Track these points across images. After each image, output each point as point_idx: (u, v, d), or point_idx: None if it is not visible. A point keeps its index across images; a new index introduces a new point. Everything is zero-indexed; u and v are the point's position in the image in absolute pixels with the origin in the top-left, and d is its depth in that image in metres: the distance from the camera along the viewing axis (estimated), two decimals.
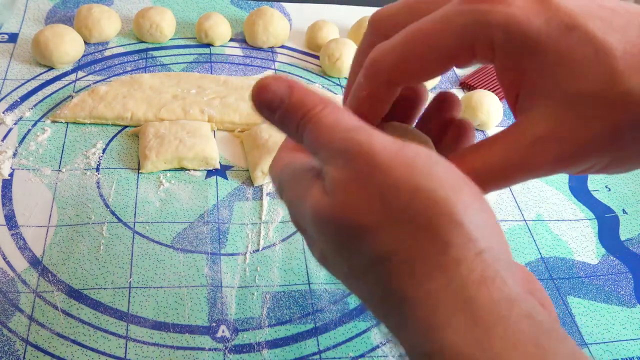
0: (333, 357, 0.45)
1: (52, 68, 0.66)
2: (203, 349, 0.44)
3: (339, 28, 0.77)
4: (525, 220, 0.58)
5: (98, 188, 0.54)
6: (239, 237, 0.52)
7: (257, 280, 0.49)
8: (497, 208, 0.58)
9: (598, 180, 0.64)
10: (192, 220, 0.53)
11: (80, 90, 0.64)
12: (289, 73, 0.71)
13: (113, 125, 0.61)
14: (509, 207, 0.59)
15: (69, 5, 0.76)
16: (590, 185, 0.63)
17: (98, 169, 0.56)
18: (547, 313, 0.22)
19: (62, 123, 0.60)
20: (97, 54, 0.70)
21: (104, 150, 0.58)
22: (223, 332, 0.45)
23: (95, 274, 0.48)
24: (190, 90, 0.64)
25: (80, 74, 0.66)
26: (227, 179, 0.57)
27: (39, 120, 0.60)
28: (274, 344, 0.45)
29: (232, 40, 0.75)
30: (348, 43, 0.70)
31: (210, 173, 0.58)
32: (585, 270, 0.54)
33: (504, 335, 0.20)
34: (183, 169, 0.57)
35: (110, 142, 0.59)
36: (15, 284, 0.46)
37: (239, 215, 0.54)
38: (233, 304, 0.47)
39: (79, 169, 0.56)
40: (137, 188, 0.55)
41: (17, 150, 0.57)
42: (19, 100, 0.62)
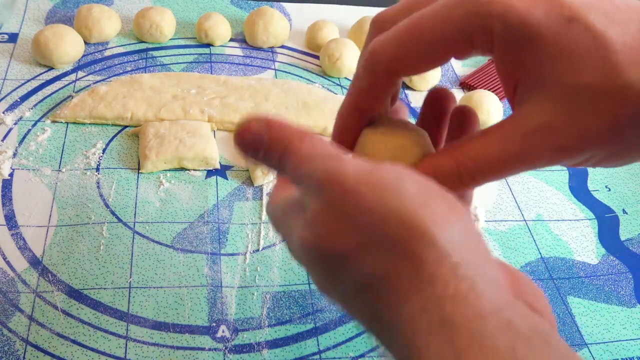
0: (333, 357, 0.45)
1: (52, 68, 0.66)
2: (203, 349, 0.44)
3: (339, 28, 0.77)
4: (525, 220, 0.58)
5: (98, 188, 0.54)
6: (239, 237, 0.52)
7: (257, 280, 0.49)
8: (497, 208, 0.58)
9: (598, 180, 0.64)
10: (192, 220, 0.53)
11: (80, 90, 0.64)
12: (289, 73, 0.71)
13: (113, 125, 0.61)
14: (509, 207, 0.59)
15: (69, 5, 0.76)
16: (590, 185, 0.63)
17: (98, 169, 0.56)
18: (533, 315, 0.22)
19: (62, 123, 0.60)
20: (97, 54, 0.70)
21: (104, 150, 0.58)
22: (223, 332, 0.45)
23: (95, 274, 0.48)
24: (190, 90, 0.64)
25: (80, 74, 0.66)
26: (227, 179, 0.57)
27: (39, 120, 0.60)
28: (274, 344, 0.45)
29: (232, 40, 0.75)
30: (348, 43, 0.70)
31: (210, 173, 0.58)
32: (585, 270, 0.54)
33: (479, 352, 0.20)
34: (183, 169, 0.57)
35: (110, 142, 0.59)
36: (15, 284, 0.46)
37: (239, 215, 0.54)
38: (233, 304, 0.47)
39: (79, 169, 0.56)
40: (137, 188, 0.55)
41: (17, 150, 0.57)
42: (19, 100, 0.62)
